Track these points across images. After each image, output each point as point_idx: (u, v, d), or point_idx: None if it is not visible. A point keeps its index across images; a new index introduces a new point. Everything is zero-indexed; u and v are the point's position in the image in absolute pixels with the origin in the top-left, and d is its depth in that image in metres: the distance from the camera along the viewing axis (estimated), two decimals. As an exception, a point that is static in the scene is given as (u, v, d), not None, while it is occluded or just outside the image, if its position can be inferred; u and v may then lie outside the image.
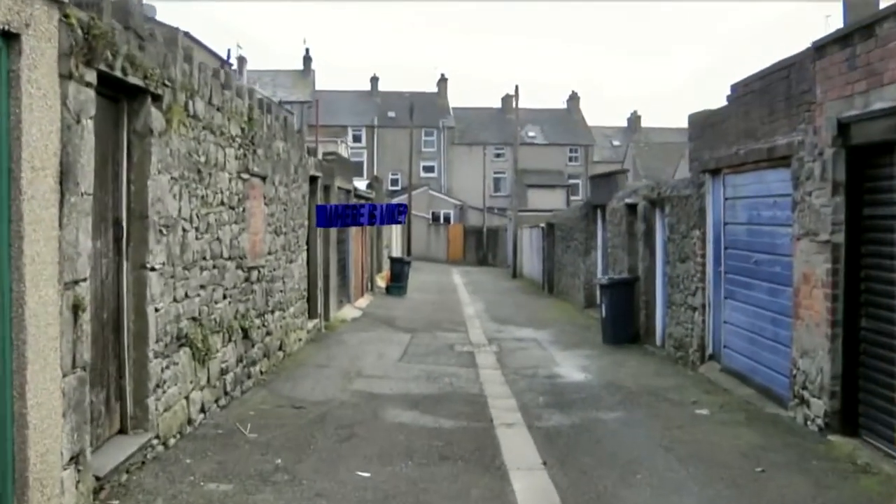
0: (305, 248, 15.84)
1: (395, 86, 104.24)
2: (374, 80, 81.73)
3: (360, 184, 33.28)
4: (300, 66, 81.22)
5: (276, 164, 12.96)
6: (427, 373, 13.40)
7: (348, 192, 22.89)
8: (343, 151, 47.23)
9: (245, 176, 10.86)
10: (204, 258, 9.11)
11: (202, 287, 9.04)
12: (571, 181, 75.25)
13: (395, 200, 44.52)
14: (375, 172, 69.13)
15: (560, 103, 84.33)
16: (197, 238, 8.84)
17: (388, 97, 79.24)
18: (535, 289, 34.44)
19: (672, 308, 14.99)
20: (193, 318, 8.74)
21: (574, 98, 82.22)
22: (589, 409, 10.79)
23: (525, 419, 10.21)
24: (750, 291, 11.73)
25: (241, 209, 10.67)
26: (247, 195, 11.03)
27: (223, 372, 9.84)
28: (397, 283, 29.78)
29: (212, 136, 9.26)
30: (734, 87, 12.25)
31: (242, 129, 10.66)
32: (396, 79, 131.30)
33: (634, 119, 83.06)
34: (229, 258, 10.18)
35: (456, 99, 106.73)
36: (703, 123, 13.65)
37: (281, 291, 13.47)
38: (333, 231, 19.35)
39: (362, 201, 25.83)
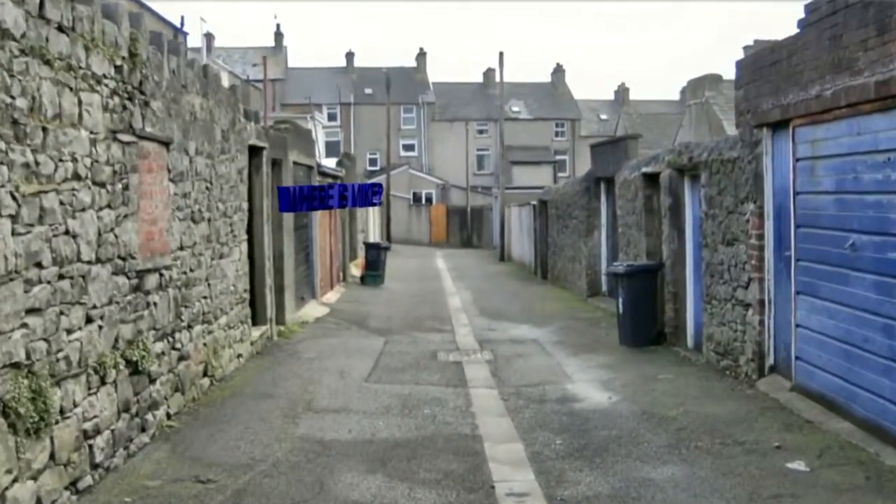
0: (246, 237, 12.50)
1: (372, 61, 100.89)
2: (350, 55, 78.19)
3: (330, 162, 29.98)
4: (272, 43, 77.86)
5: (191, 126, 9.61)
6: (402, 399, 10.13)
7: (309, 168, 19.50)
8: (313, 128, 43.79)
9: (127, 138, 7.51)
10: (37, 265, 5.78)
11: (33, 312, 5.70)
12: (558, 157, 72.05)
13: (373, 181, 41.06)
14: (353, 152, 65.68)
15: (544, 77, 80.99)
16: (16, 234, 5.51)
17: (365, 73, 75.66)
18: (527, 274, 31.19)
19: (713, 303, 11.76)
20: (14, 365, 5.41)
21: (559, 70, 78.83)
22: (630, 460, 7.54)
23: (541, 483, 6.98)
24: (843, 286, 8.47)
25: (119, 187, 7.33)
26: (133, 167, 7.69)
27: (87, 436, 6.52)
28: (373, 271, 26.48)
29: (45, 69, 5.89)
30: (811, 6, 8.97)
31: (118, 69, 7.30)
32: (373, 54, 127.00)
33: (622, 91, 79.57)
34: (98, 261, 6.85)
35: (436, 74, 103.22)
36: (758, 63, 10.37)
37: (205, 298, 10.15)
38: (289, 214, 16.00)
39: (329, 180, 22.54)
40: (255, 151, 13.38)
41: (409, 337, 15.58)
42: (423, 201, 64.53)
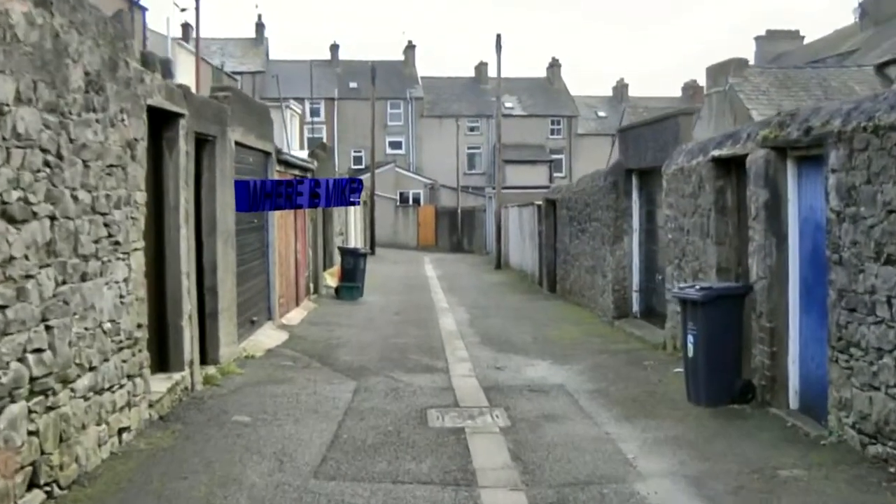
0: (141, 245, 8.29)
1: (358, 55, 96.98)
2: (335, 48, 74.03)
3: (301, 153, 25.87)
4: (252, 35, 73.73)
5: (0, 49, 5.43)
6: (371, 523, 5.98)
7: (265, 155, 15.28)
8: (289, 121, 39.63)
9: None
10: None
11: None
12: (554, 156, 67.93)
13: (353, 177, 36.73)
14: (336, 149, 61.38)
15: (538, 73, 76.75)
16: None
17: (350, 66, 71.44)
18: (530, 285, 27.02)
19: (852, 353, 7.64)
20: None
21: (555, 65, 74.72)
22: None
23: None
24: None
25: None
26: None
27: None
28: (350, 282, 22.29)
29: None
30: None
31: None
32: (359, 47, 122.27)
33: (621, 88, 75.55)
34: None
35: (425, 68, 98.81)
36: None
37: (38, 351, 5.94)
38: (229, 213, 11.83)
39: (296, 173, 18.43)
40: (164, 119, 9.21)
41: (389, 380, 11.40)
42: (411, 202, 60.36)
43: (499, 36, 35.03)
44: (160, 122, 9.19)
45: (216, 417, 8.86)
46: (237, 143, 12.49)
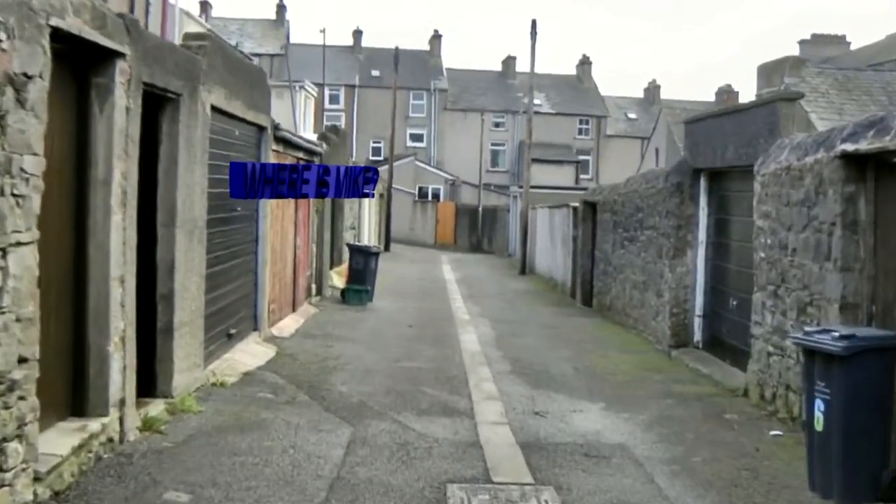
0: (32, 237, 5.52)
1: (382, 42, 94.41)
2: (358, 34, 71.39)
3: (311, 136, 23.13)
4: (273, 16, 71.34)
5: None
6: None
7: (259, 129, 12.48)
8: (303, 102, 36.95)
9: None
10: None
11: None
12: (581, 157, 64.93)
13: (368, 165, 34.05)
14: (354, 138, 58.75)
15: (567, 70, 73.91)
16: None
17: (373, 54, 68.75)
18: (560, 296, 24.15)
19: None
20: None
21: (585, 63, 71.71)
22: None
23: None
24: None
25: None
26: None
27: None
28: (358, 284, 19.51)
29: None
30: None
31: None
32: (383, 34, 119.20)
33: (653, 89, 72.50)
34: None
35: (451, 60, 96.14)
36: None
37: None
38: (198, 196, 9.10)
39: (300, 157, 15.73)
40: (94, 58, 6.46)
41: (396, 427, 8.63)
42: (430, 198, 57.50)
43: (534, 21, 32.14)
44: (87, 63, 6.45)
45: (140, 494, 6.09)
46: (215, 109, 9.71)
